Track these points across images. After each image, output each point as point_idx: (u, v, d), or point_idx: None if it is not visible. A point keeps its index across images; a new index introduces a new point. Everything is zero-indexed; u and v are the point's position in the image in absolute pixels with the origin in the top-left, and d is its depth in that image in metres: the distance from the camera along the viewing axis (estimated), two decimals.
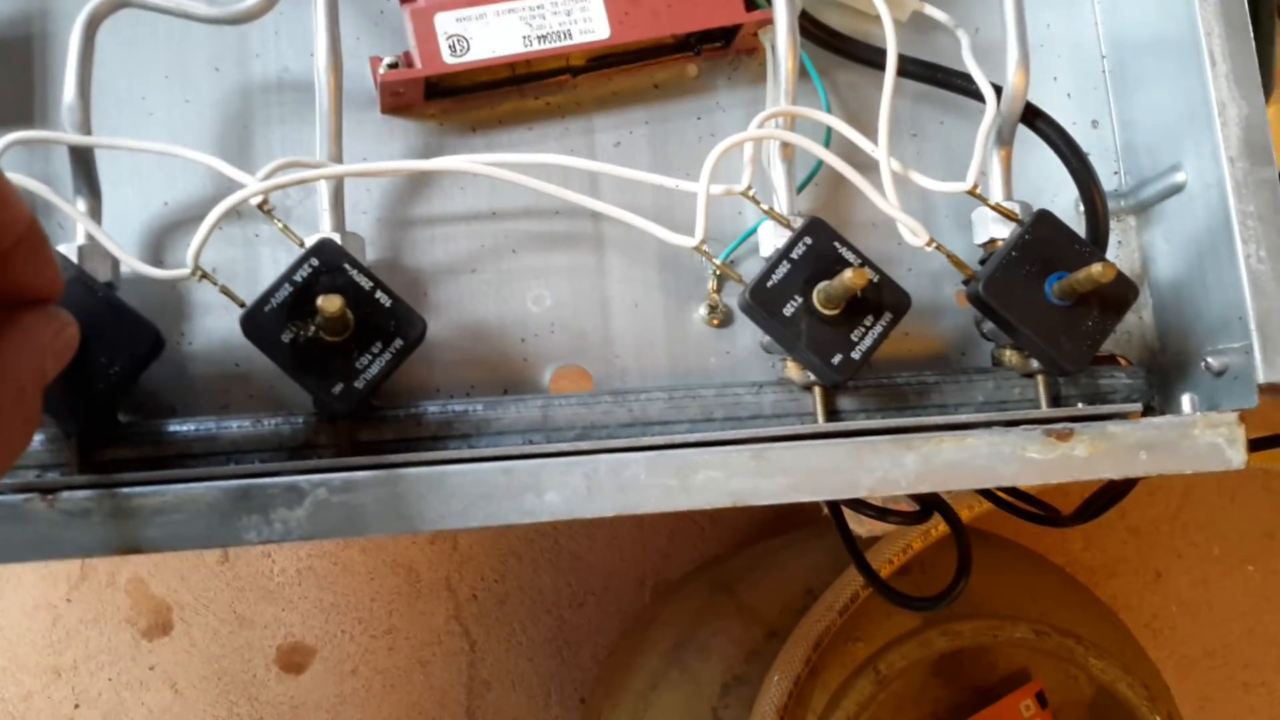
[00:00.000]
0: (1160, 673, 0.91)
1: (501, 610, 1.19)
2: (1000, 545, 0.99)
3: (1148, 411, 0.47)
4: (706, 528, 1.21)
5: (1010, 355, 0.45)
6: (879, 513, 0.63)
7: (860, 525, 0.85)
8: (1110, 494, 0.56)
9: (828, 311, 0.42)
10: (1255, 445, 0.63)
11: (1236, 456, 0.42)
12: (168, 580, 1.16)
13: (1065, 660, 0.82)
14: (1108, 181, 0.50)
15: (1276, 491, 1.31)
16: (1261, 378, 0.42)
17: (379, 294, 0.41)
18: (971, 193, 0.44)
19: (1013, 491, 0.63)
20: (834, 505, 0.71)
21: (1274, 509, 1.31)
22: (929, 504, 0.61)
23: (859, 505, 0.62)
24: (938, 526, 0.84)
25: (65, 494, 0.38)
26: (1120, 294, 0.43)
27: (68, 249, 0.41)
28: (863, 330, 0.42)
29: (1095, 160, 0.49)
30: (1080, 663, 0.81)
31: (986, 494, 0.65)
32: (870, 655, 0.80)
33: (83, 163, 0.42)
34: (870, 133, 0.45)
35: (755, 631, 0.88)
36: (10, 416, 0.31)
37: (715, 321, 0.48)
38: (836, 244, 0.43)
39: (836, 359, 0.42)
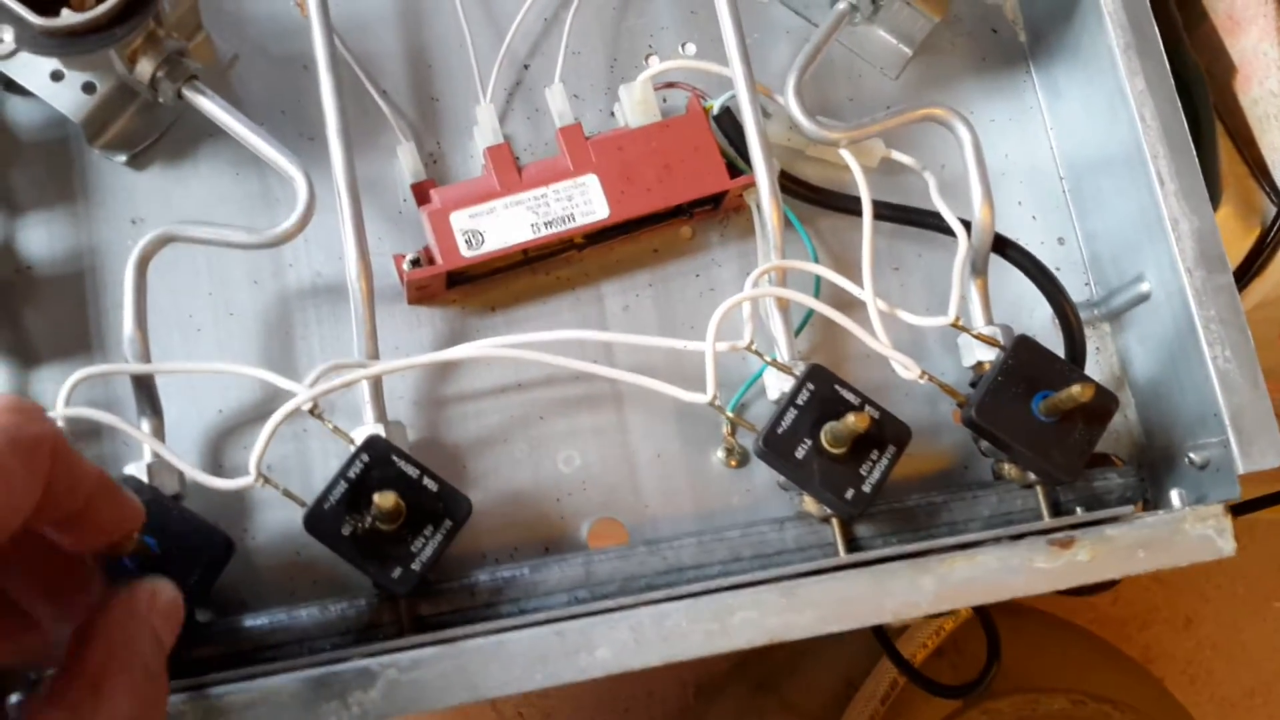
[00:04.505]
0: None
1: None
2: (1030, 617, 1.01)
3: (1145, 504, 0.50)
4: None
5: (1009, 469, 0.49)
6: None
7: None
8: None
9: (836, 450, 0.46)
10: (1268, 501, 0.66)
11: (1227, 545, 0.46)
12: None
13: None
14: (1080, 292, 0.54)
15: None
16: (1241, 469, 0.46)
17: (426, 480, 0.44)
18: (955, 325, 0.48)
19: None
20: None
21: None
22: None
23: None
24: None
25: None
26: (1102, 406, 0.47)
27: (137, 468, 0.45)
28: (870, 464, 0.46)
29: (1066, 274, 0.53)
30: None
31: None
32: None
33: (144, 387, 0.46)
34: (855, 271, 0.49)
35: None
36: (139, 694, 0.33)
37: (733, 463, 0.51)
38: (837, 386, 0.46)
39: (849, 494, 0.45)
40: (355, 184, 0.48)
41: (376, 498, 0.42)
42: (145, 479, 0.45)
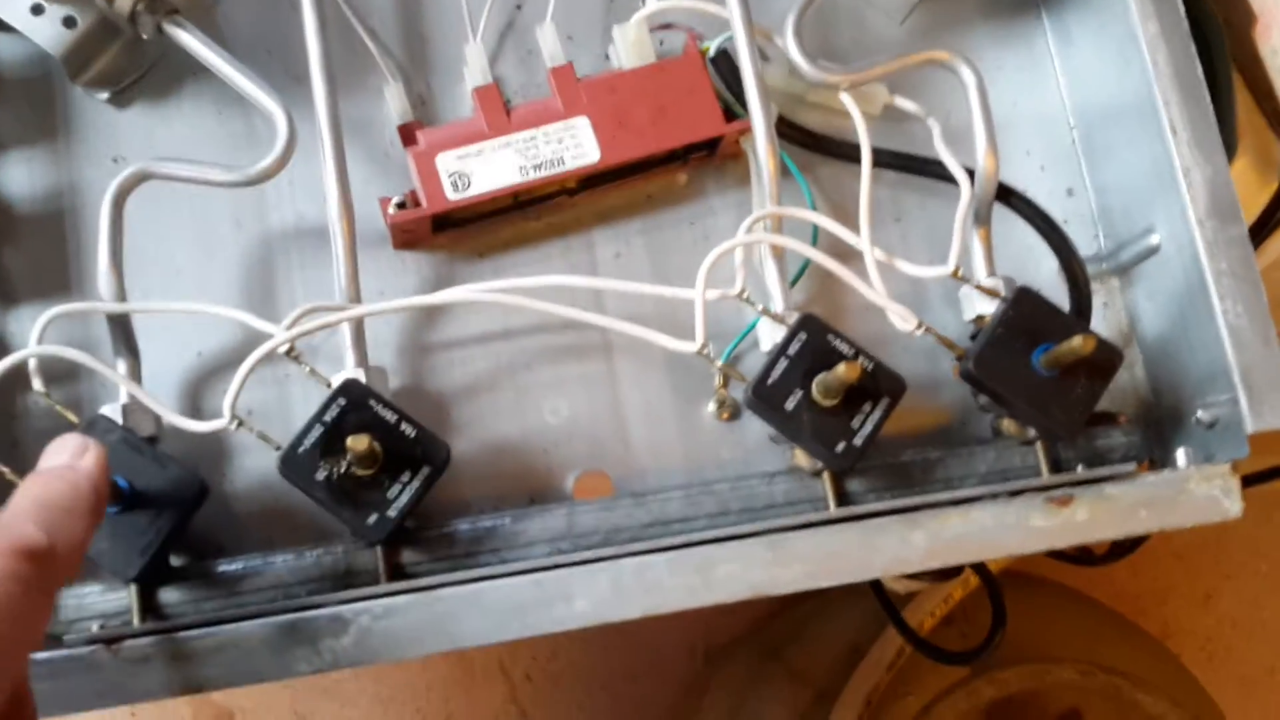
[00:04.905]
0: (1214, 700, 0.92)
1: (556, 689, 1.20)
2: (1041, 587, 1.00)
3: (1150, 464, 0.48)
4: None
5: (1008, 424, 0.47)
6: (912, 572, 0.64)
7: (898, 583, 0.86)
8: None
9: (827, 402, 0.44)
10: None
11: (1233, 506, 0.44)
12: None
13: (1114, 698, 0.82)
14: (1088, 246, 0.52)
15: None
16: (1250, 428, 0.44)
17: (404, 425, 0.43)
18: (954, 275, 0.47)
19: None
20: None
21: None
22: None
23: None
24: (975, 574, 0.85)
25: (127, 643, 0.41)
26: (1105, 360, 0.45)
27: (111, 409, 0.44)
28: (862, 417, 0.44)
29: (1074, 226, 0.52)
30: (1129, 699, 0.82)
31: None
32: (921, 709, 0.81)
33: (120, 326, 0.46)
34: (854, 221, 0.47)
35: (805, 695, 0.89)
36: None
37: (725, 415, 0.50)
38: (830, 337, 0.45)
39: (840, 447, 0.44)
40: (338, 121, 0.47)
41: (350, 440, 0.41)
42: (120, 420, 0.44)
